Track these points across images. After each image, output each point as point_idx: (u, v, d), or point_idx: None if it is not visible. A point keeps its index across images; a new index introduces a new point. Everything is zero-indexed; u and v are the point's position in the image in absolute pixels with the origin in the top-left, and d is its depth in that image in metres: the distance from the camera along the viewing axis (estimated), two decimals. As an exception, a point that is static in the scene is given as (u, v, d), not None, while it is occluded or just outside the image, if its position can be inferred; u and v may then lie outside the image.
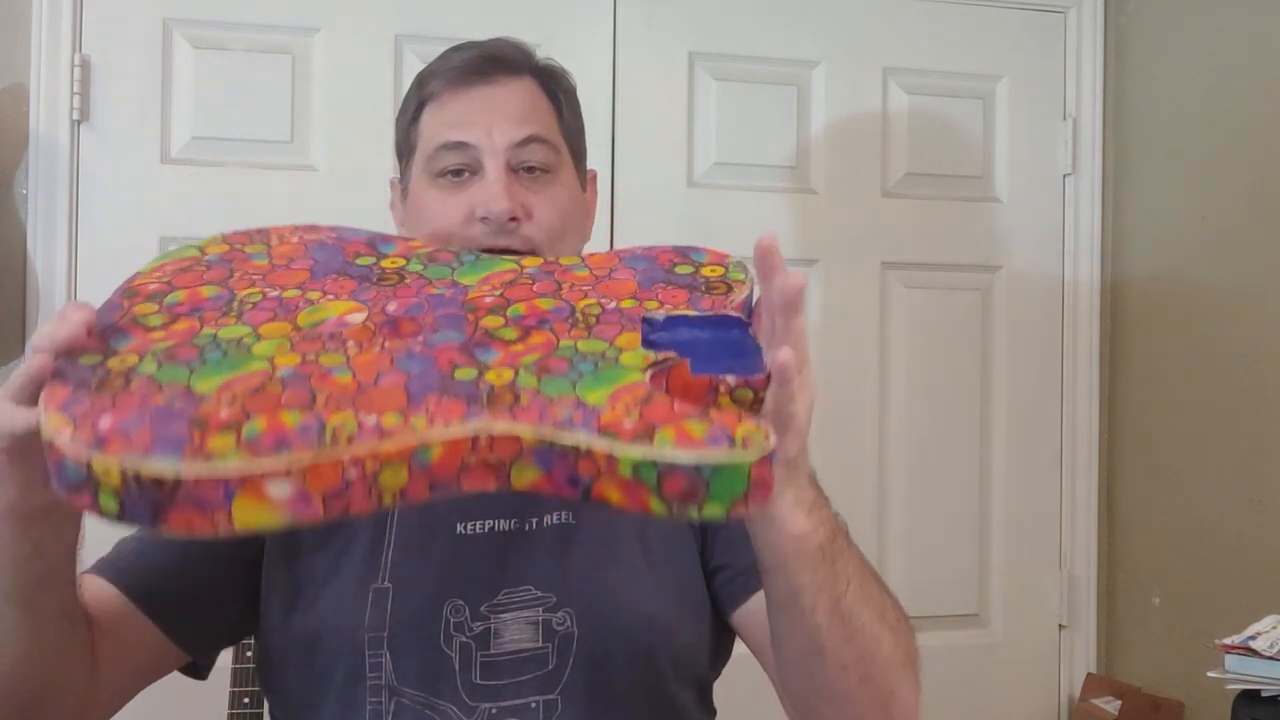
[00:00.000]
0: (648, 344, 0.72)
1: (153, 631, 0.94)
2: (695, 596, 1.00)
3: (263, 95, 1.95)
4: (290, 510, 0.61)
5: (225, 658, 1.17)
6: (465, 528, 0.98)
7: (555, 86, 1.06)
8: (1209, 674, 1.47)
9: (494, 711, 0.93)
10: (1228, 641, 1.47)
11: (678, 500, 0.63)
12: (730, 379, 0.70)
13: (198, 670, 1.00)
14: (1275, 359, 1.88)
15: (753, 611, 0.96)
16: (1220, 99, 2.00)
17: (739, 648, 1.04)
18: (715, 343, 0.73)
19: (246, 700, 1.58)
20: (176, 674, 0.99)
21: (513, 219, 0.98)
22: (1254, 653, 1.44)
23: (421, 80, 1.06)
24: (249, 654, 1.58)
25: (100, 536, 0.87)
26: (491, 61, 1.03)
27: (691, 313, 0.75)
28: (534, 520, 0.99)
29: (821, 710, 0.84)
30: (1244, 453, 1.93)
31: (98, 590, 0.91)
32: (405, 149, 1.06)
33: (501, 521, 0.98)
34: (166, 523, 0.60)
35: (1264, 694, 1.43)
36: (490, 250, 0.96)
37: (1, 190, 1.85)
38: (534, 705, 0.93)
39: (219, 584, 0.98)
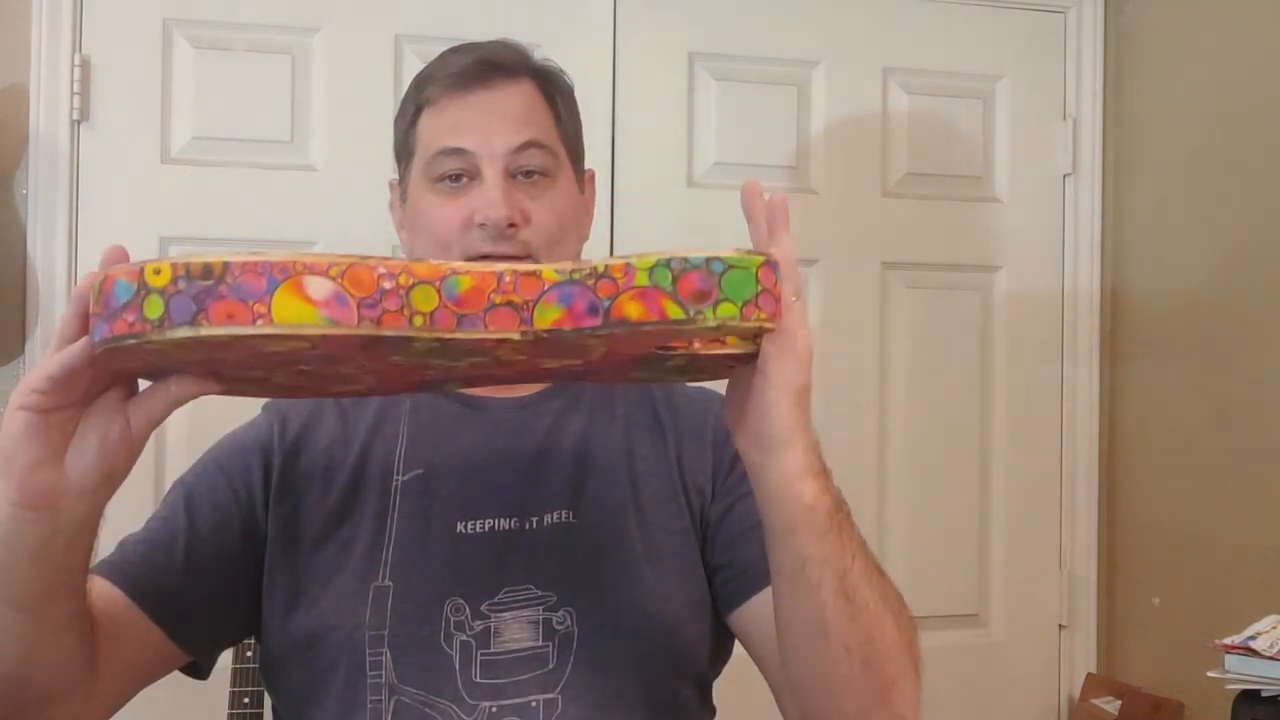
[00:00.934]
0: None
1: (156, 633, 0.94)
2: (696, 594, 1.00)
3: (263, 95, 1.95)
4: (327, 310, 0.65)
5: (225, 658, 1.17)
6: (465, 527, 0.98)
7: (553, 89, 1.07)
8: (1209, 674, 1.47)
9: (494, 710, 0.93)
10: (1228, 641, 1.47)
11: (692, 300, 0.69)
12: None
13: (199, 670, 1.00)
14: (1276, 357, 1.88)
15: (753, 613, 0.96)
16: (1220, 98, 2.00)
17: (739, 647, 1.04)
18: None
19: (246, 700, 1.58)
20: (177, 674, 0.99)
21: (510, 225, 0.99)
22: (1254, 653, 1.44)
23: (419, 84, 1.06)
24: (249, 654, 1.58)
25: (103, 538, 0.87)
26: (489, 66, 1.03)
27: None
28: (534, 519, 0.99)
29: (822, 702, 0.84)
30: (1244, 453, 1.93)
31: (100, 591, 0.91)
32: (404, 153, 1.07)
33: (502, 520, 0.99)
34: (208, 315, 0.64)
35: (1264, 694, 1.43)
36: (488, 256, 0.98)
37: (1, 190, 1.86)
38: (534, 704, 0.93)
39: (221, 585, 0.98)
